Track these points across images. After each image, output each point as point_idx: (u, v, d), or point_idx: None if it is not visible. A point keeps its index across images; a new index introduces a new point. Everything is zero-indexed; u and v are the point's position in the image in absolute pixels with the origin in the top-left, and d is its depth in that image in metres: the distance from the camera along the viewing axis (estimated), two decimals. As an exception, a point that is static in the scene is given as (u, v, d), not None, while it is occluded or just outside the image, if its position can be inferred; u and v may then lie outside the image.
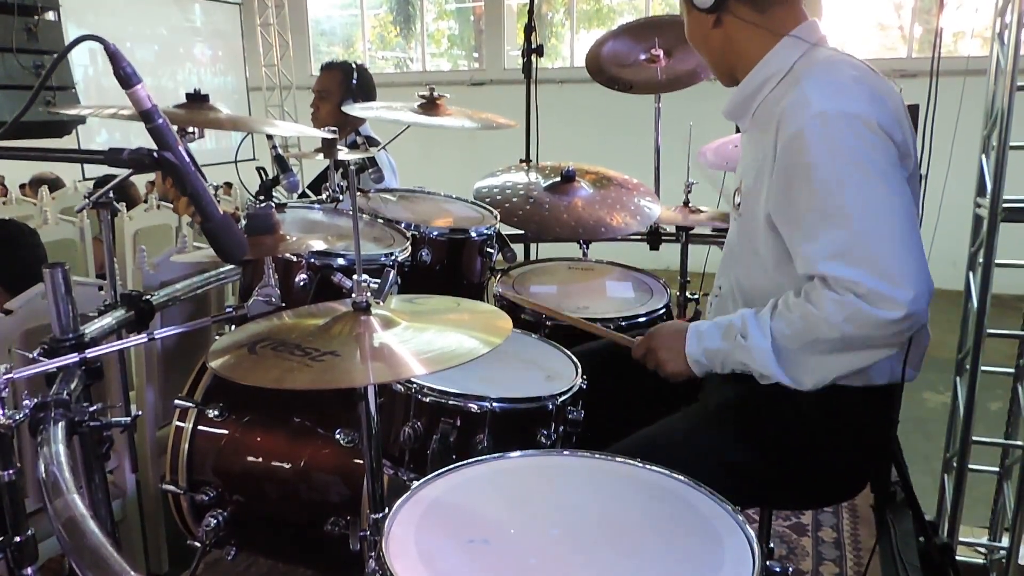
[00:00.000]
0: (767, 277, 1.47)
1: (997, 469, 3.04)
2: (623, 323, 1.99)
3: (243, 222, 1.49)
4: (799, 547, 2.51)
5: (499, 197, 2.43)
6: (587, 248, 2.48)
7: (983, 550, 3.13)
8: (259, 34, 10.10)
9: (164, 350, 2.29)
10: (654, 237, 3.01)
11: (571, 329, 1.89)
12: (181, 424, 1.87)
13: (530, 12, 3.12)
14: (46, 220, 3.88)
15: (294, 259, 1.73)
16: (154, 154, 0.97)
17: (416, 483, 1.12)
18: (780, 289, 1.42)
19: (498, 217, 2.24)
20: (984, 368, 2.88)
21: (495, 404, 1.41)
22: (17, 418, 1.19)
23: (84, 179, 6.23)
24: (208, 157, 6.55)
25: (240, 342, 1.11)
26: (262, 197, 1.86)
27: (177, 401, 1.87)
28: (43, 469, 1.10)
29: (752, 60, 1.46)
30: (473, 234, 2.10)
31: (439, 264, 2.06)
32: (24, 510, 1.28)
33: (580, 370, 1.57)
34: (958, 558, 2.79)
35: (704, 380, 1.55)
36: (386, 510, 1.05)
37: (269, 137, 1.97)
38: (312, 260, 1.73)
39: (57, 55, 1.45)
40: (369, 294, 1.13)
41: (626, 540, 1.01)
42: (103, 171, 3.90)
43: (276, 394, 1.76)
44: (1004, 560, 2.92)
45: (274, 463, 1.81)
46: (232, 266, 2.14)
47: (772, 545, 2.15)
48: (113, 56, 0.92)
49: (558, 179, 2.47)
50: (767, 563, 0.99)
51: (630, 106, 4.41)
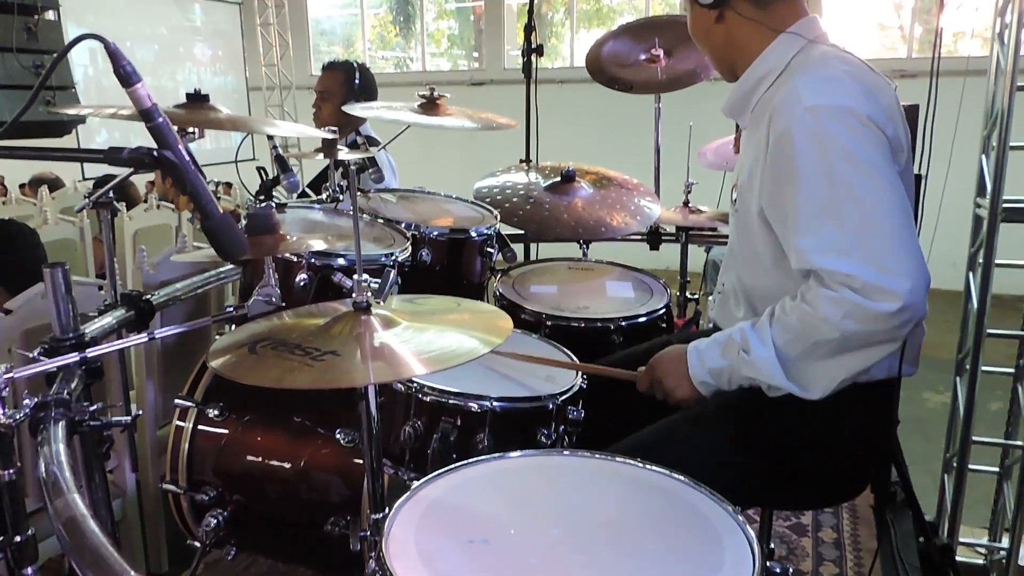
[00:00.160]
0: (766, 274, 1.46)
1: (997, 469, 3.04)
2: (623, 323, 2.00)
3: (243, 221, 1.49)
4: (799, 547, 2.51)
5: (499, 197, 2.43)
6: (587, 248, 2.48)
7: (983, 551, 3.12)
8: (259, 34, 10.08)
9: (164, 350, 2.29)
10: (654, 237, 3.01)
11: (571, 329, 1.89)
12: (181, 424, 1.87)
13: (530, 12, 3.12)
14: (46, 220, 3.88)
15: (294, 259, 1.74)
16: (154, 153, 0.97)
17: (416, 483, 1.12)
18: (780, 286, 1.42)
19: (498, 217, 2.24)
20: (984, 368, 2.88)
21: (495, 404, 1.41)
22: (17, 417, 1.19)
23: (84, 179, 6.22)
24: (208, 157, 6.56)
25: (240, 342, 1.11)
26: (262, 197, 1.86)
27: (177, 401, 1.87)
28: (43, 469, 1.10)
29: (752, 56, 1.46)
30: (473, 234, 2.11)
31: (439, 264, 2.06)
32: (24, 510, 1.27)
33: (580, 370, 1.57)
34: (958, 559, 2.78)
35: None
36: (386, 510, 1.05)
37: (269, 137, 1.98)
38: (312, 260, 1.73)
39: (57, 54, 1.45)
40: (369, 294, 1.13)
41: (626, 540, 1.01)
42: (103, 171, 3.91)
43: (276, 394, 1.76)
44: (1004, 561, 2.92)
45: (274, 463, 1.81)
46: (232, 266, 2.14)
47: (772, 545, 2.15)
48: (113, 54, 0.92)
49: (558, 179, 2.48)
50: (767, 563, 0.99)
51: (630, 106, 4.41)
